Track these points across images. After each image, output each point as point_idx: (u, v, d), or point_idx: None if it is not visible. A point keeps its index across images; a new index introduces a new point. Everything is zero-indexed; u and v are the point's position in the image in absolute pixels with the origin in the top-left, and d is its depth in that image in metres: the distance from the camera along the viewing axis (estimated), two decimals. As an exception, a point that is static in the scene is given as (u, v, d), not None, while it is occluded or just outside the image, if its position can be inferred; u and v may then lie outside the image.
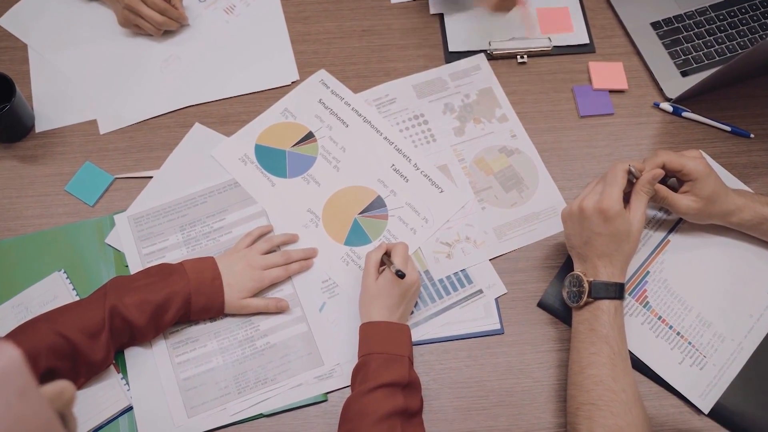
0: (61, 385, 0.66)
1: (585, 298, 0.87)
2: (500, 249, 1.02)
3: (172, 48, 1.17)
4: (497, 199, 1.05)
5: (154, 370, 0.94)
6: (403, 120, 1.10)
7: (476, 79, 1.14)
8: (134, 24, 1.15)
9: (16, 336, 0.86)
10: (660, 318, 0.96)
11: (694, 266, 0.99)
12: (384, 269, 0.94)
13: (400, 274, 0.90)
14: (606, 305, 0.87)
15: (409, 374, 0.87)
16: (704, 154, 1.04)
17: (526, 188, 1.06)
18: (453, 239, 1.02)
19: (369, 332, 0.91)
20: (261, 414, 0.93)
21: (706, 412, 0.91)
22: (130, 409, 0.92)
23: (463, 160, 1.07)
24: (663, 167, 0.92)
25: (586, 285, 0.88)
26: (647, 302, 0.97)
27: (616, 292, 0.87)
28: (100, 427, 0.91)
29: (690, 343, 0.95)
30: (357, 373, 0.89)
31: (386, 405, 0.83)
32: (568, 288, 0.92)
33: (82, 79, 1.15)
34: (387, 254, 0.96)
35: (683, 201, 0.93)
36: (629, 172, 0.90)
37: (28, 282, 0.99)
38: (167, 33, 1.17)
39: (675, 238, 1.00)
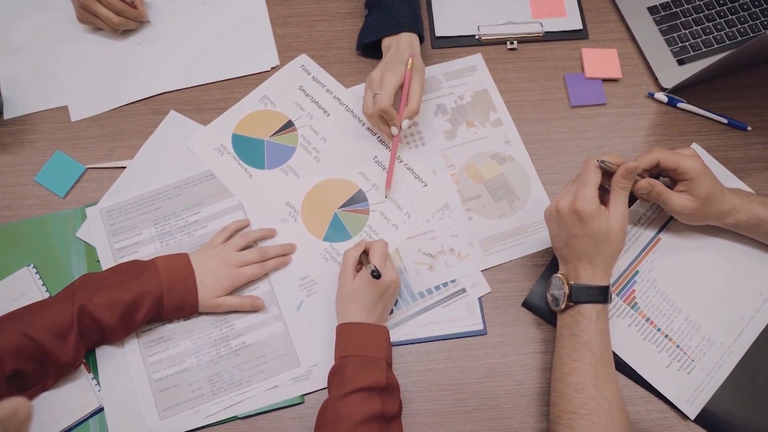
0: (14, 404, 0.63)
1: (566, 301, 0.85)
2: (485, 263, 0.98)
3: (147, 32, 1.12)
4: (485, 209, 1.01)
5: (126, 370, 0.92)
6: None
7: (472, 80, 1.08)
8: (91, 22, 1.10)
9: (-20, 336, 0.84)
10: (648, 320, 0.93)
11: (685, 266, 0.95)
12: (362, 268, 0.91)
13: (376, 275, 0.87)
14: (587, 310, 0.84)
15: (386, 377, 0.85)
16: (699, 149, 1.01)
17: (517, 199, 1.01)
18: (436, 250, 0.98)
19: (345, 334, 0.89)
20: (235, 416, 0.90)
21: (693, 417, 0.89)
22: (101, 410, 0.90)
23: (453, 166, 1.03)
24: (657, 165, 0.88)
25: (566, 288, 0.85)
26: (635, 303, 0.94)
27: (599, 295, 0.84)
28: (70, 428, 0.89)
29: (678, 346, 0.92)
30: (333, 376, 0.87)
31: (363, 410, 0.81)
32: (551, 290, 0.89)
33: (53, 63, 1.10)
34: (365, 253, 0.92)
35: (679, 200, 0.89)
36: (601, 168, 0.85)
37: (-4, 277, 0.96)
38: (141, 15, 1.12)
39: (665, 237, 0.97)
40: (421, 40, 1.03)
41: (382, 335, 0.89)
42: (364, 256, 0.91)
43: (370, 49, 1.07)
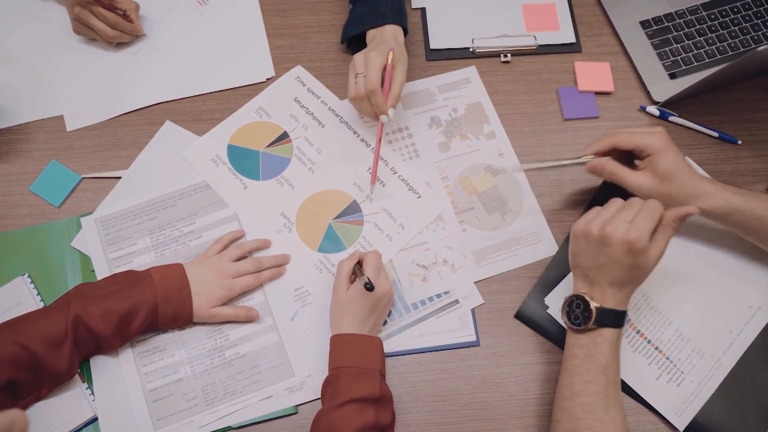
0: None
1: (591, 323, 0.82)
2: (478, 274, 0.99)
3: (143, 42, 1.12)
4: (479, 221, 1.01)
5: (120, 380, 0.92)
6: (387, 132, 1.06)
7: (465, 92, 1.09)
8: (86, 34, 1.10)
9: (-25, 346, 0.84)
10: (638, 332, 0.94)
11: (675, 279, 0.96)
12: (356, 279, 0.91)
13: (369, 287, 0.87)
14: (609, 333, 0.83)
15: (380, 388, 0.86)
16: (690, 162, 1.01)
17: (510, 211, 1.02)
18: (430, 262, 0.99)
19: (339, 345, 0.89)
20: (229, 427, 0.91)
21: (682, 429, 0.90)
22: (95, 419, 0.90)
23: (447, 178, 1.03)
24: (616, 148, 0.90)
25: (593, 310, 0.82)
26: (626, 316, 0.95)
27: (621, 320, 0.83)
28: (64, 438, 0.89)
29: (668, 358, 0.93)
30: (327, 387, 0.88)
31: (356, 421, 0.82)
32: (569, 309, 0.86)
33: (48, 73, 1.10)
34: (359, 264, 0.93)
35: (635, 177, 0.89)
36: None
37: (-9, 286, 0.96)
38: (137, 25, 1.13)
39: (657, 250, 0.98)
40: (405, 32, 1.03)
41: (376, 346, 0.90)
42: (357, 267, 0.92)
43: (356, 43, 1.07)
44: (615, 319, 0.83)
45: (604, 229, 0.82)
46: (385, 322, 0.96)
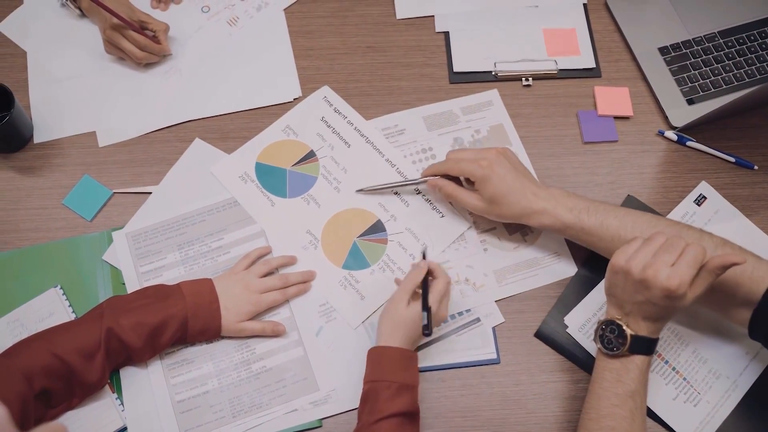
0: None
1: (624, 350, 0.83)
2: (499, 293, 1.01)
3: (173, 60, 1.16)
4: (500, 241, 1.03)
5: (149, 391, 0.94)
6: (411, 153, 1.09)
7: (488, 114, 1.12)
8: (116, 54, 1.14)
9: (11, 356, 0.86)
10: (656, 352, 0.96)
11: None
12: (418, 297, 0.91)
13: (427, 333, 0.85)
14: (640, 360, 0.83)
15: (416, 404, 0.88)
16: (707, 187, 1.03)
17: (530, 232, 1.04)
18: (452, 280, 1.00)
19: (380, 357, 0.90)
20: (255, 439, 0.93)
21: (698, 450, 0.92)
22: (124, 429, 0.93)
23: None
24: (446, 175, 0.98)
25: (628, 337, 0.83)
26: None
27: (653, 348, 0.84)
28: (94, 448, 0.91)
29: (685, 379, 0.95)
30: (365, 400, 0.88)
31: None
32: (603, 332, 0.86)
33: (82, 89, 1.13)
34: (427, 279, 0.92)
35: (469, 199, 0.97)
36: None
37: (24, 297, 0.99)
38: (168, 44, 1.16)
39: (674, 272, 1.00)
40: None
41: (415, 362, 0.91)
42: (424, 285, 0.91)
43: None
44: (648, 346, 0.83)
45: (645, 271, 0.79)
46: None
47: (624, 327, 0.83)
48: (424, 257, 0.95)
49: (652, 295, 0.80)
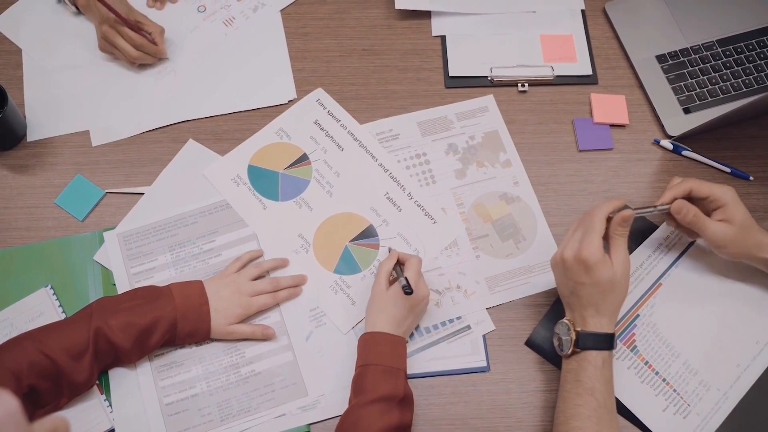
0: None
1: (572, 347, 0.86)
2: (491, 301, 1.00)
3: (168, 61, 1.15)
4: (492, 248, 1.03)
5: (138, 393, 0.94)
6: (405, 158, 1.08)
7: (483, 120, 1.11)
8: (110, 52, 1.13)
9: (0, 353, 0.86)
10: (647, 363, 0.96)
11: (684, 312, 0.98)
12: (395, 279, 0.94)
13: (408, 291, 0.89)
14: (593, 356, 0.85)
15: (404, 388, 0.88)
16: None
17: (523, 239, 1.04)
18: (444, 287, 1.01)
19: (369, 342, 0.91)
20: (243, 443, 0.93)
21: (687, 461, 0.92)
22: (112, 431, 0.92)
23: (462, 205, 1.05)
24: (690, 194, 0.90)
25: (573, 334, 0.86)
26: (635, 346, 0.97)
27: (605, 342, 0.86)
28: (82, 449, 0.91)
29: (675, 390, 0.94)
30: (355, 383, 0.90)
31: (381, 421, 0.84)
32: (557, 335, 0.90)
33: (76, 88, 1.13)
34: (399, 263, 0.95)
35: (717, 226, 0.89)
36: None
37: (14, 297, 0.99)
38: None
39: (667, 282, 1.00)
40: None
41: (402, 346, 0.92)
42: (398, 269, 0.94)
43: None
44: (596, 341, 0.85)
45: (562, 254, 0.87)
46: (417, 327, 0.98)
47: (570, 325, 0.87)
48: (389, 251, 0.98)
49: (575, 274, 0.86)
